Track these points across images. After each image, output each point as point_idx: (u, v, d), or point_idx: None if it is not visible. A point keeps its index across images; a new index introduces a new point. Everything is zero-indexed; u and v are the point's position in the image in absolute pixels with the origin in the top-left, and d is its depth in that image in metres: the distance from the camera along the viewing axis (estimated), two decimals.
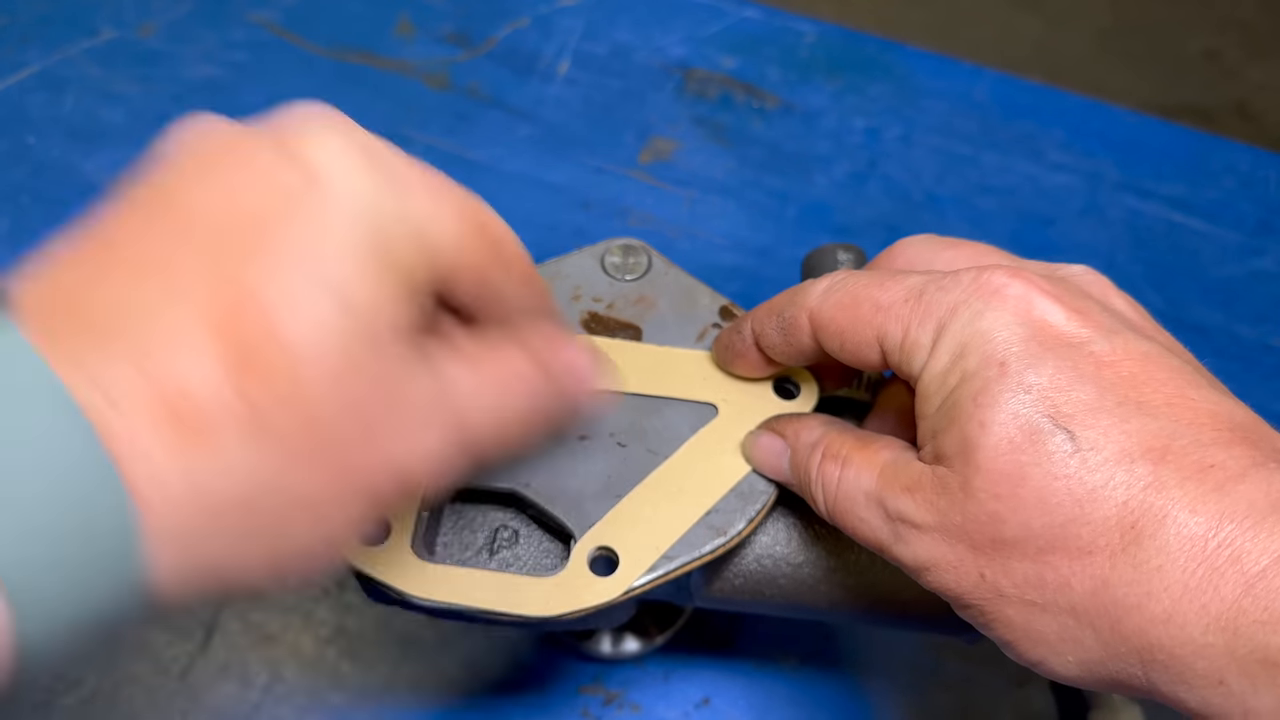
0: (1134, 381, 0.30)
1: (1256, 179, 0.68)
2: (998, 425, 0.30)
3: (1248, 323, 0.62)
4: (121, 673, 0.50)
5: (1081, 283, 0.34)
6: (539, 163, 0.67)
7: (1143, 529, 0.28)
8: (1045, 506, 0.29)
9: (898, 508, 0.33)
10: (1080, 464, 0.29)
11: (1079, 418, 0.30)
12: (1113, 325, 0.32)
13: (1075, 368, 0.30)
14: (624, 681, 0.51)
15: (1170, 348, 0.32)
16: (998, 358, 0.31)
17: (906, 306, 0.33)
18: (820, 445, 0.36)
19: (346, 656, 0.51)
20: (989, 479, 0.30)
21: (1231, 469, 0.29)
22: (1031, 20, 1.82)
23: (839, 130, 0.69)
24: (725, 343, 0.40)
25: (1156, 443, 0.29)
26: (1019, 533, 0.30)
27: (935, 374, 0.32)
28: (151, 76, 0.70)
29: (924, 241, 0.38)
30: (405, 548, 0.38)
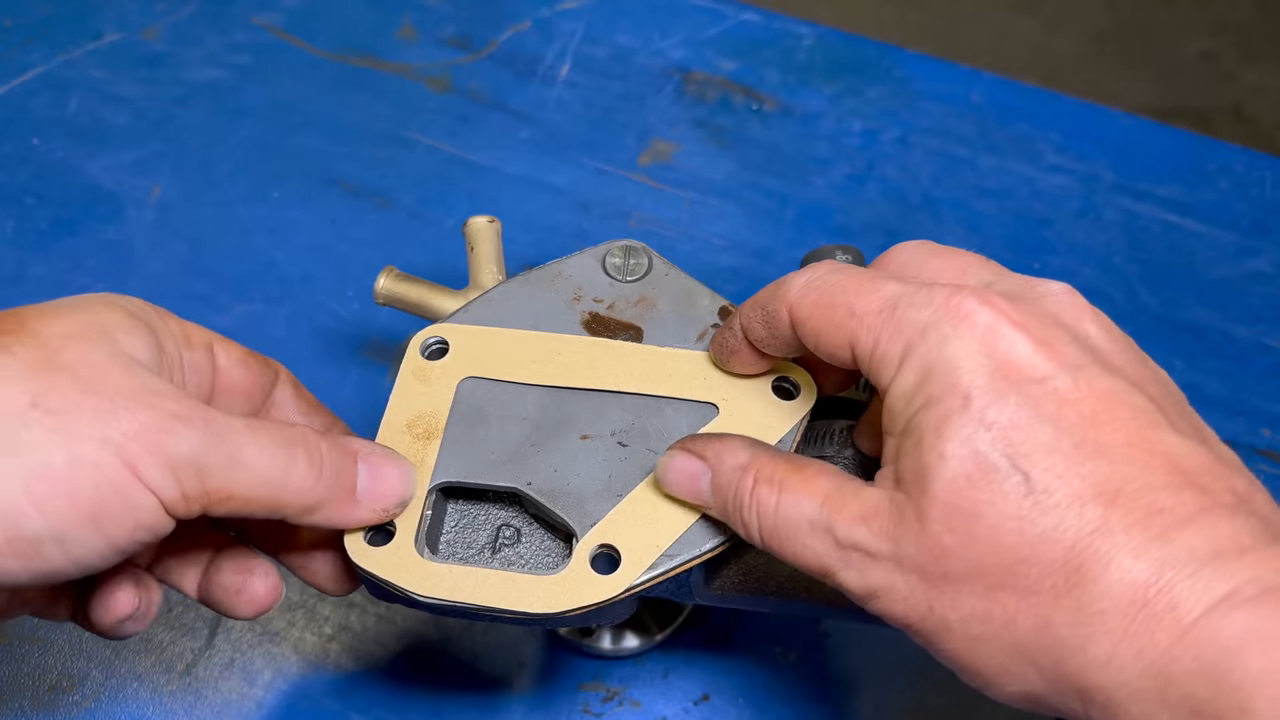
0: (1094, 421, 0.31)
1: (1252, 180, 0.68)
2: (956, 460, 0.31)
3: (1243, 323, 0.63)
4: (126, 669, 0.51)
5: (1055, 305, 0.34)
6: (540, 165, 0.68)
7: (1087, 572, 0.29)
8: (997, 545, 0.30)
9: (851, 536, 0.33)
10: (1033, 506, 0.30)
11: (1035, 458, 0.30)
12: (1078, 359, 0.32)
13: (1036, 406, 0.31)
14: (624, 678, 0.51)
15: (1137, 381, 0.32)
16: (962, 389, 0.31)
17: (879, 318, 0.33)
18: (750, 469, 0.36)
19: (349, 654, 0.51)
20: (944, 512, 0.31)
21: (1179, 514, 0.29)
22: (1028, 23, 1.82)
23: (837, 133, 0.70)
24: (720, 340, 0.41)
25: (1109, 486, 0.30)
26: (969, 568, 0.31)
27: (901, 393, 0.33)
28: (155, 79, 0.70)
29: (916, 247, 0.38)
30: (409, 546, 0.39)
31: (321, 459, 0.36)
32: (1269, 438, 0.59)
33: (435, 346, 0.43)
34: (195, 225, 0.64)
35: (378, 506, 0.38)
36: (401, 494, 0.39)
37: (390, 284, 0.46)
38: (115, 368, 0.33)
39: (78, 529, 0.31)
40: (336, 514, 0.37)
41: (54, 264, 0.63)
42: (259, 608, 0.40)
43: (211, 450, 0.33)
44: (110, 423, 0.31)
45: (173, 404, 0.33)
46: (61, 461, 0.30)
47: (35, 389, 0.31)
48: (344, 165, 0.67)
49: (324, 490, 0.36)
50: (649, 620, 0.51)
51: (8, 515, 0.30)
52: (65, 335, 0.33)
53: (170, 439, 0.32)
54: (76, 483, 0.31)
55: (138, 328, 0.35)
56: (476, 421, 0.41)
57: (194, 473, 0.33)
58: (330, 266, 0.63)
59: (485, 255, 0.46)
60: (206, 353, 0.39)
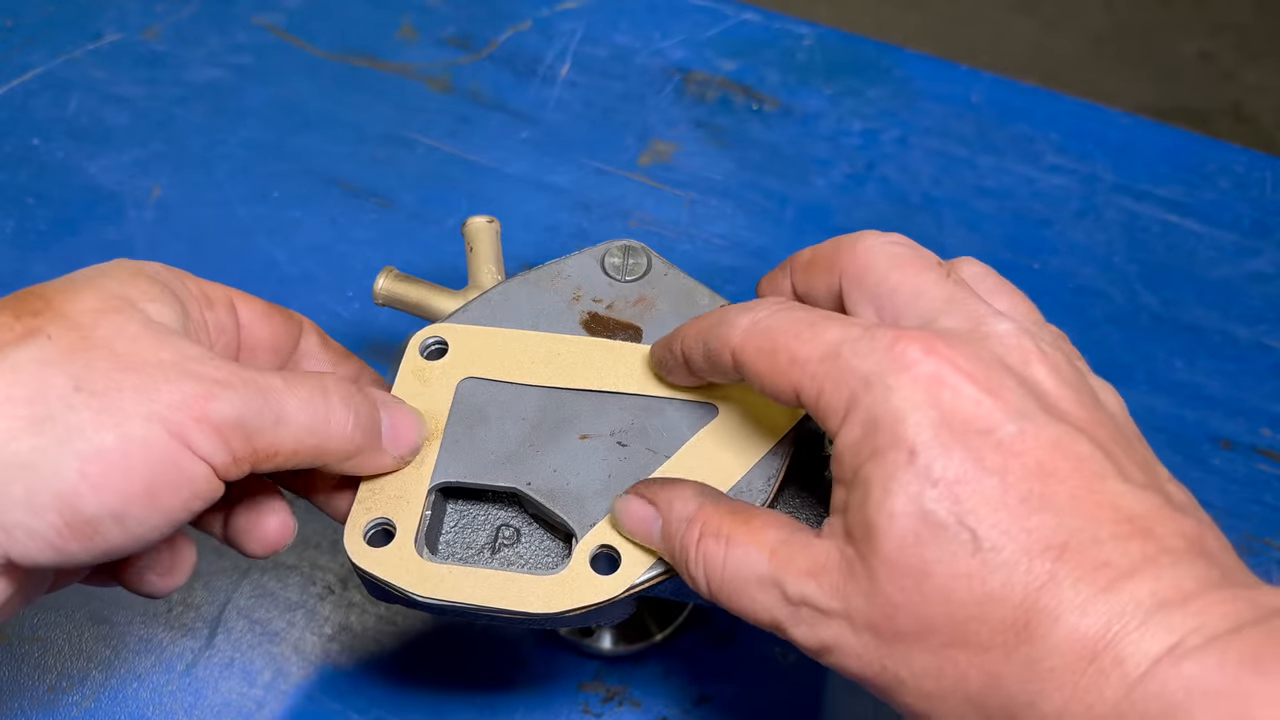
0: (1039, 473, 0.30)
1: (1252, 180, 0.68)
2: (903, 517, 0.30)
3: (1244, 323, 0.63)
4: (126, 669, 0.51)
5: (1003, 349, 0.33)
6: (540, 165, 0.68)
7: (1036, 629, 0.29)
8: (947, 604, 0.30)
9: (801, 591, 0.33)
10: (981, 563, 0.30)
11: (982, 514, 0.30)
12: (1024, 407, 0.31)
13: (981, 459, 0.30)
14: (624, 678, 0.51)
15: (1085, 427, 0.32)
16: (907, 442, 0.31)
17: (822, 366, 0.33)
18: (697, 522, 0.36)
19: (349, 654, 0.51)
20: (893, 571, 0.31)
21: (1123, 566, 0.29)
22: (1027, 23, 1.82)
23: (837, 133, 0.70)
24: (659, 357, 0.41)
25: (1056, 539, 0.29)
26: (920, 626, 0.30)
27: (848, 443, 0.32)
28: (155, 79, 0.70)
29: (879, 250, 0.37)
30: (409, 547, 0.39)
31: (355, 404, 0.37)
32: (1269, 438, 0.59)
33: (434, 346, 0.43)
34: (195, 225, 0.64)
35: (399, 453, 0.39)
36: (416, 441, 0.40)
37: (389, 284, 0.46)
38: (149, 339, 0.34)
39: (135, 505, 0.32)
40: (369, 460, 0.38)
41: (54, 264, 0.63)
42: (269, 546, 0.40)
43: (255, 410, 0.34)
44: (154, 397, 0.32)
45: (212, 370, 0.34)
46: (112, 441, 0.31)
47: (75, 371, 0.32)
48: (344, 165, 0.67)
49: (361, 437, 0.37)
50: (649, 620, 0.51)
51: (66, 498, 0.31)
52: (94, 311, 0.34)
53: (214, 405, 0.33)
54: (130, 460, 0.31)
55: (162, 294, 0.36)
56: (476, 421, 0.41)
57: (241, 434, 0.33)
58: (330, 266, 0.63)
59: (484, 255, 0.46)
60: (229, 310, 0.39)
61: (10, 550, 0.31)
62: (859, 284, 0.37)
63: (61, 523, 0.31)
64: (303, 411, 0.35)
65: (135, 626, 0.52)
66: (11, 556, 0.31)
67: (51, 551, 0.31)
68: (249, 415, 0.34)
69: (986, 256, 0.64)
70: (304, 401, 0.35)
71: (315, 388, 0.36)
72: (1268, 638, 0.27)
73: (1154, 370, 0.61)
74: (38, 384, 0.31)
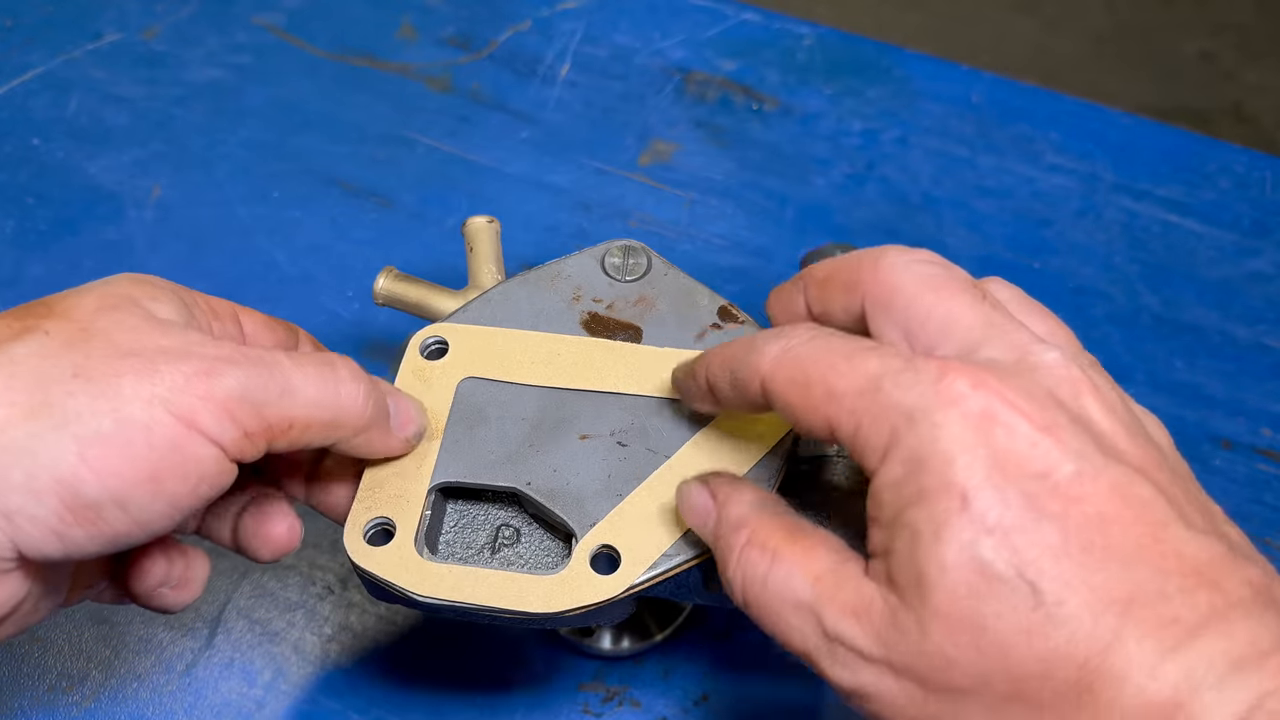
0: (1101, 522, 0.29)
1: (1252, 180, 0.68)
2: (958, 569, 0.29)
3: (1244, 323, 0.63)
4: (126, 669, 0.51)
5: (1052, 380, 0.31)
6: (540, 165, 0.68)
7: (1101, 690, 0.28)
8: (1005, 660, 0.28)
9: (839, 629, 0.31)
10: (1044, 619, 0.28)
11: (1043, 566, 0.28)
12: (1081, 447, 0.29)
13: (1039, 505, 0.29)
14: (624, 678, 0.51)
15: (1142, 468, 0.30)
16: (958, 487, 0.29)
17: (861, 401, 0.31)
18: (745, 529, 0.34)
19: (349, 654, 0.51)
20: (947, 624, 0.29)
21: (1192, 622, 0.28)
22: (1028, 23, 1.82)
23: (837, 132, 0.70)
24: (681, 382, 0.40)
25: (1121, 593, 0.28)
26: (975, 683, 0.29)
27: (889, 483, 0.30)
28: (155, 79, 0.70)
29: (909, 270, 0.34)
30: (409, 546, 0.39)
31: (365, 378, 0.37)
32: (1269, 438, 0.59)
33: (434, 346, 0.43)
34: (195, 225, 0.64)
35: (405, 434, 0.39)
36: (420, 425, 0.40)
37: (389, 284, 0.46)
38: (150, 329, 0.34)
39: (139, 491, 0.32)
40: (379, 439, 0.38)
41: (54, 264, 0.63)
42: (277, 550, 0.41)
43: (261, 382, 0.33)
44: (154, 380, 0.32)
45: (213, 349, 0.33)
46: (110, 425, 0.31)
47: (73, 360, 0.32)
48: (344, 165, 0.67)
49: (374, 409, 0.37)
50: (649, 620, 0.51)
51: (67, 483, 0.31)
52: (95, 309, 0.34)
53: (217, 380, 0.32)
54: (131, 444, 0.31)
55: (166, 295, 0.36)
56: (476, 421, 0.41)
57: (249, 408, 0.33)
58: (330, 266, 0.63)
59: (484, 255, 0.46)
60: (234, 321, 0.40)
61: (15, 538, 0.31)
62: (886, 308, 0.34)
63: (63, 507, 0.31)
64: (310, 384, 0.35)
65: (135, 626, 0.52)
66: (19, 546, 0.31)
67: (56, 539, 0.31)
68: (254, 388, 0.33)
69: (986, 256, 0.65)
70: (311, 375, 0.35)
71: (322, 362, 0.36)
72: None
73: (1154, 370, 0.61)
74: (35, 375, 0.31)
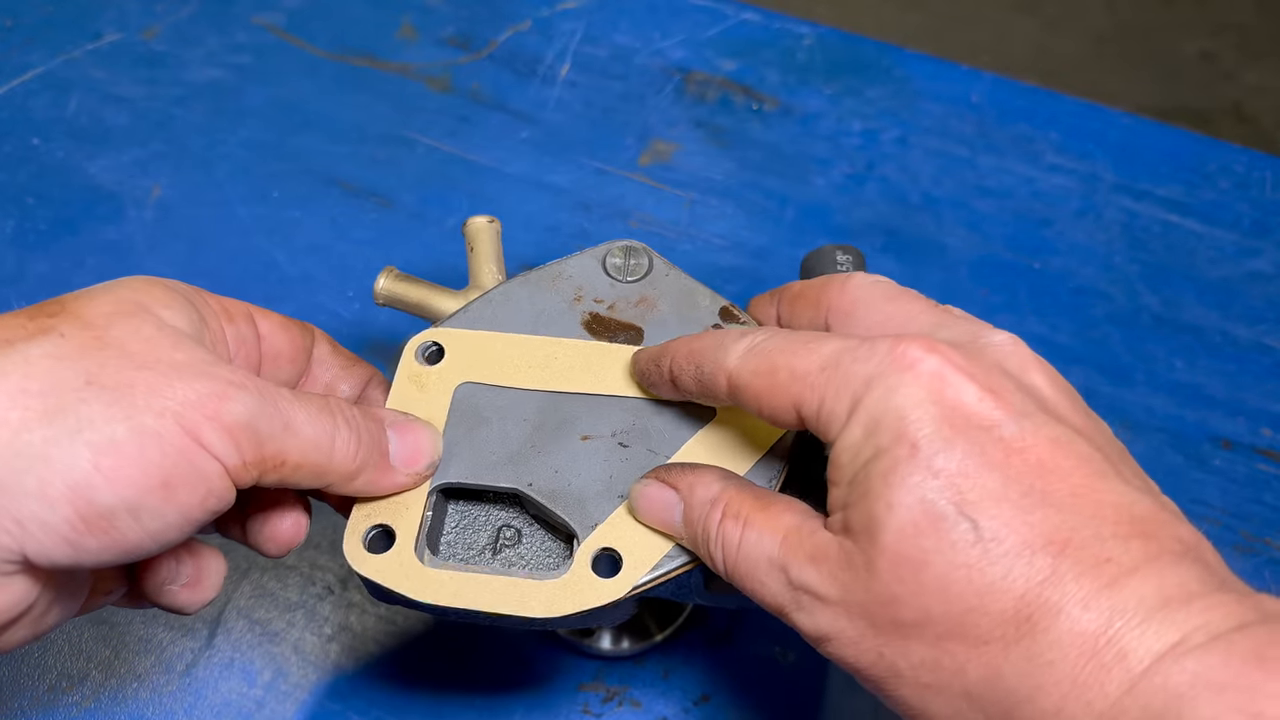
0: (1041, 470, 0.30)
1: (1252, 180, 0.68)
2: (904, 508, 0.30)
3: (1244, 323, 0.63)
4: (126, 669, 0.51)
5: (1001, 355, 0.34)
6: (540, 165, 0.68)
7: (1037, 622, 0.29)
8: (945, 595, 0.30)
9: (801, 577, 0.33)
10: (982, 554, 0.30)
11: (983, 506, 0.30)
12: (1024, 407, 0.32)
13: (983, 454, 0.30)
14: (624, 678, 0.51)
15: (1082, 430, 0.32)
16: (909, 437, 0.31)
17: (823, 376, 0.33)
18: (720, 502, 0.36)
19: (349, 654, 0.51)
20: (892, 561, 0.31)
21: (1126, 563, 0.29)
22: (1028, 23, 1.82)
23: (837, 133, 0.70)
24: (642, 369, 0.41)
25: (1058, 535, 0.29)
26: (918, 617, 0.30)
27: (848, 445, 0.32)
28: (155, 79, 0.70)
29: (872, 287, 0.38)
30: (409, 551, 0.38)
31: (359, 426, 0.37)
32: (1269, 438, 0.59)
33: (431, 351, 0.43)
34: (195, 225, 0.64)
35: (412, 470, 0.39)
36: (432, 456, 0.40)
37: (390, 284, 0.46)
38: (163, 341, 0.34)
39: (151, 498, 0.32)
40: (375, 480, 0.38)
41: (54, 264, 0.63)
42: (284, 545, 0.41)
43: (266, 415, 0.34)
44: (167, 394, 0.32)
45: (225, 372, 0.34)
46: (124, 433, 0.31)
47: (87, 367, 0.32)
48: (344, 165, 0.67)
49: (364, 456, 0.37)
50: (649, 621, 0.51)
51: (80, 490, 0.31)
52: (108, 314, 0.34)
53: (227, 405, 0.33)
54: (144, 453, 0.31)
55: (178, 301, 0.36)
56: (476, 423, 0.41)
57: (251, 438, 0.33)
58: (330, 266, 0.63)
59: (485, 255, 0.46)
60: (249, 323, 0.40)
61: (25, 546, 0.31)
62: (848, 317, 0.38)
63: (76, 516, 0.31)
64: (310, 425, 0.35)
65: (135, 626, 0.52)
66: (27, 553, 0.31)
67: (68, 547, 0.31)
68: (260, 419, 0.34)
69: (986, 256, 0.65)
70: (311, 415, 0.35)
71: (321, 405, 0.36)
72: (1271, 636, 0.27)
73: (1154, 370, 0.61)
74: (50, 378, 0.31)
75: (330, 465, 0.36)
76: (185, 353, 0.34)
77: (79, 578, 0.37)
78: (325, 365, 0.43)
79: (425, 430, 0.40)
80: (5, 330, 0.32)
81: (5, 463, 0.30)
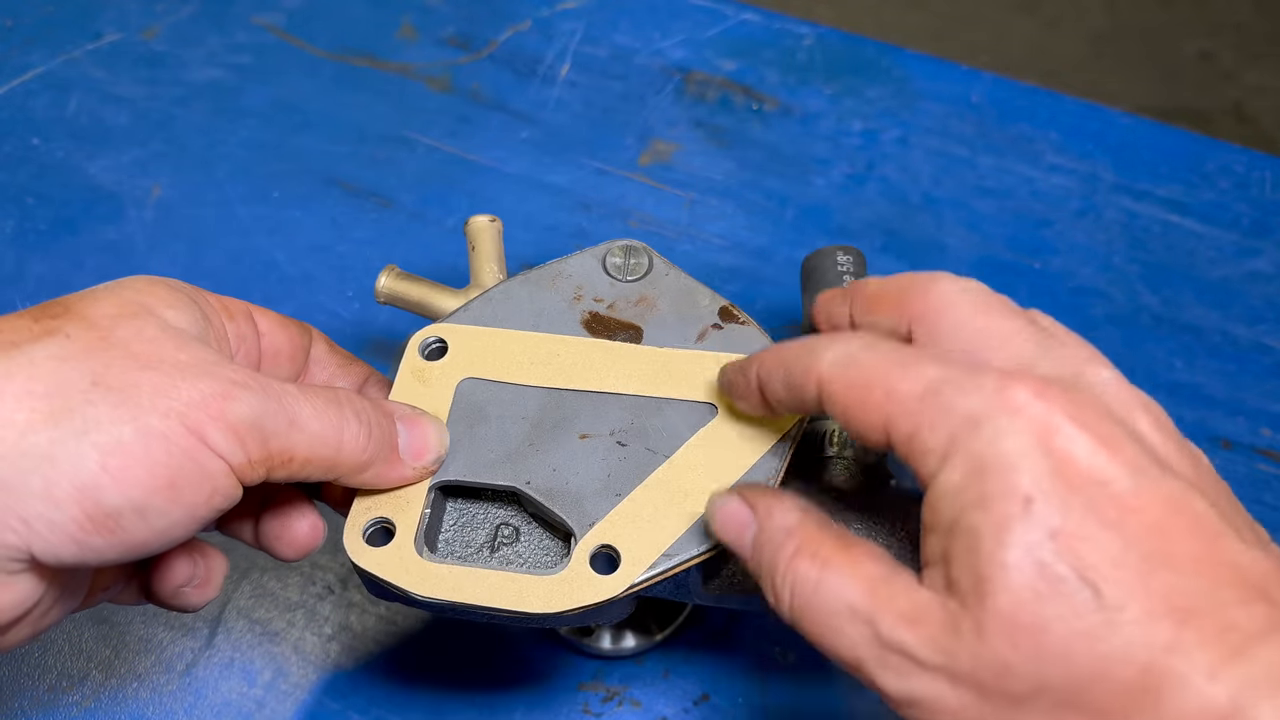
0: (1159, 530, 0.29)
1: (1252, 180, 0.68)
2: (1019, 570, 0.29)
3: (1243, 323, 0.63)
4: (126, 669, 0.51)
5: (1108, 399, 0.32)
6: (540, 165, 0.68)
7: (1161, 693, 0.28)
8: (1066, 663, 0.29)
9: (896, 637, 0.31)
10: (1104, 622, 0.28)
11: (1104, 571, 0.29)
12: (1139, 461, 0.30)
13: (1100, 513, 0.29)
14: (624, 678, 0.51)
15: (1195, 484, 0.31)
16: (1022, 492, 0.29)
17: (921, 403, 0.31)
18: (795, 537, 0.34)
19: (349, 654, 0.51)
20: (1007, 626, 0.29)
21: (1251, 630, 0.28)
22: (1028, 23, 1.82)
23: (837, 133, 0.70)
24: (730, 380, 0.40)
25: (1181, 602, 0.28)
26: (1033, 687, 0.29)
27: (948, 489, 0.31)
28: (155, 79, 0.70)
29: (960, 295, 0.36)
30: (409, 546, 0.39)
31: (369, 418, 0.37)
32: (1269, 437, 0.59)
33: (434, 346, 0.43)
34: (195, 225, 0.64)
35: (419, 463, 0.39)
36: (439, 450, 0.40)
37: (391, 283, 0.46)
38: (167, 341, 0.34)
39: (158, 498, 0.32)
40: (384, 472, 0.38)
41: (54, 263, 0.63)
42: (300, 550, 0.41)
43: (271, 413, 0.34)
44: (171, 394, 0.32)
45: (229, 372, 0.34)
46: (130, 434, 0.31)
47: (92, 368, 0.32)
48: (344, 165, 0.67)
49: (374, 449, 0.37)
50: (649, 620, 0.51)
51: (88, 490, 0.31)
52: (113, 316, 0.34)
53: (231, 404, 0.33)
54: (150, 453, 0.31)
55: (181, 301, 0.36)
56: (476, 420, 0.41)
57: (257, 436, 0.34)
58: (330, 266, 0.63)
59: (486, 254, 0.46)
60: (248, 320, 0.40)
61: (31, 544, 0.31)
62: (934, 329, 0.35)
63: (83, 515, 0.31)
64: (316, 419, 0.35)
65: (135, 626, 0.52)
66: (34, 552, 0.31)
67: (74, 546, 0.31)
68: (265, 417, 0.34)
69: (986, 256, 0.65)
70: (318, 410, 0.35)
71: (330, 398, 0.36)
72: None
73: (1154, 370, 0.61)
74: (56, 379, 0.31)
75: (340, 458, 0.36)
76: (189, 353, 0.34)
77: (81, 576, 0.37)
78: (322, 364, 0.43)
79: (433, 424, 0.40)
80: (10, 332, 0.32)
81: (11, 463, 0.30)
